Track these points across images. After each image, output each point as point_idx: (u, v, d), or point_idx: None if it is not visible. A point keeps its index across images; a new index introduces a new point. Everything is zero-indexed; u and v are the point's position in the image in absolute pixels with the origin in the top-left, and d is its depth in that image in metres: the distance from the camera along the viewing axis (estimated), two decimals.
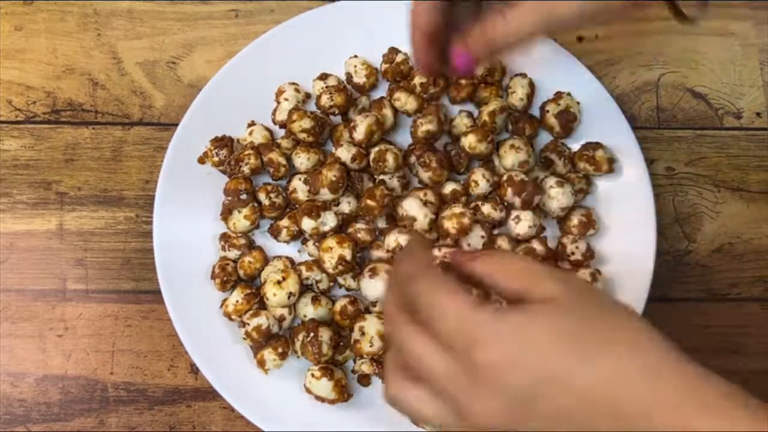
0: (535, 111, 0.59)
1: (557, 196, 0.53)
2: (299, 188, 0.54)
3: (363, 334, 0.50)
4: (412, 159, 0.56)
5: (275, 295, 0.51)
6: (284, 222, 0.55)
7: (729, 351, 0.57)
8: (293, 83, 0.58)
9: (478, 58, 0.43)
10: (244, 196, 0.54)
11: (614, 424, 0.31)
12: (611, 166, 0.55)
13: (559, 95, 0.57)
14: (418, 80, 0.57)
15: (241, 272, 0.54)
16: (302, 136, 0.55)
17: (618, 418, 0.31)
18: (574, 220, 0.54)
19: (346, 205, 0.54)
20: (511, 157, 0.54)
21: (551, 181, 0.54)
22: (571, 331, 0.32)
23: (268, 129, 0.57)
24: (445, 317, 0.34)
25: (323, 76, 0.58)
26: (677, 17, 0.44)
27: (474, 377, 0.33)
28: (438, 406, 0.34)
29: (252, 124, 0.57)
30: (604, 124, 0.57)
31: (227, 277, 0.53)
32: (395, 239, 0.52)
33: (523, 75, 0.58)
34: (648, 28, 0.64)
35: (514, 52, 0.44)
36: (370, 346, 0.50)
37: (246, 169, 0.54)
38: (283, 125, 0.57)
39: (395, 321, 0.36)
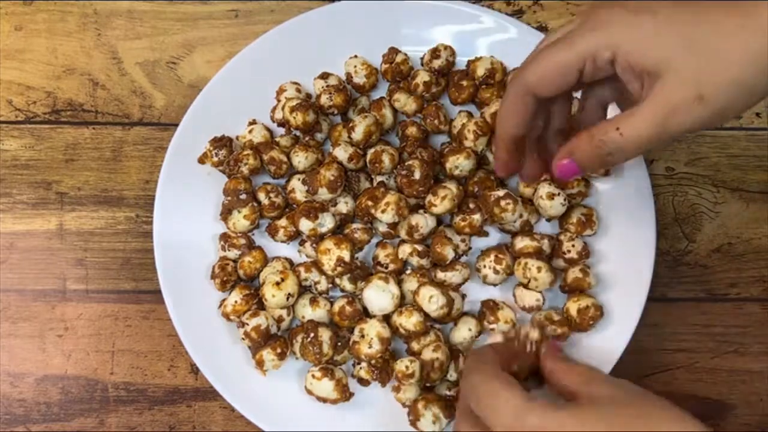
0: None
1: (546, 207, 0.53)
2: (298, 188, 0.54)
3: (363, 336, 0.50)
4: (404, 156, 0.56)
5: (274, 296, 0.51)
6: (282, 222, 0.55)
7: (729, 351, 0.57)
8: (294, 82, 0.58)
9: (584, 168, 0.41)
10: (243, 196, 0.54)
11: None
12: (608, 169, 0.55)
13: None
14: (420, 79, 0.57)
15: (240, 272, 0.54)
16: (298, 121, 0.55)
17: None
18: (574, 218, 0.54)
19: (344, 205, 0.54)
20: None
21: (543, 191, 0.53)
22: (618, 425, 0.35)
23: (268, 129, 0.57)
24: (496, 411, 0.38)
25: (324, 75, 0.58)
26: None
27: None
28: None
29: (253, 122, 0.57)
30: None
31: (227, 277, 0.53)
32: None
33: None
34: None
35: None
36: (369, 348, 0.50)
37: (245, 169, 0.54)
38: (282, 124, 0.57)
39: (460, 423, 0.42)
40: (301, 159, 0.55)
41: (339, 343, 0.52)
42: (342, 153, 0.54)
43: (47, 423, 0.55)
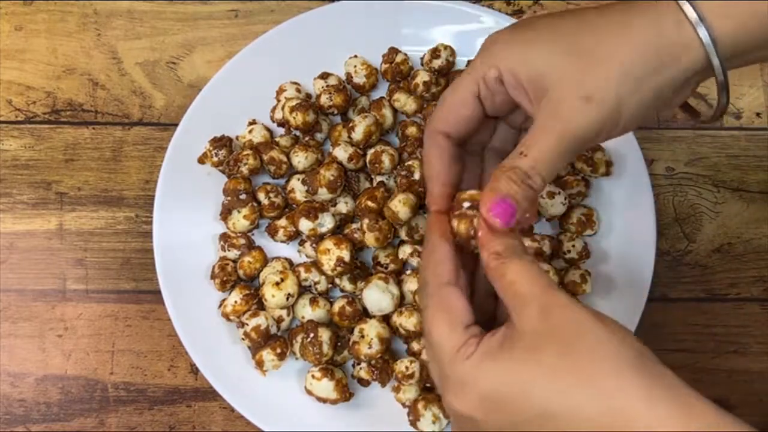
0: None
1: (546, 206, 0.53)
2: (297, 188, 0.54)
3: (363, 336, 0.50)
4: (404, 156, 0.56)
5: (274, 297, 0.51)
6: (282, 222, 0.55)
7: (729, 351, 0.57)
8: (294, 82, 0.58)
9: (517, 200, 0.36)
10: (243, 196, 0.54)
11: None
12: (609, 168, 0.55)
13: None
14: (420, 79, 0.57)
15: (240, 272, 0.54)
16: (298, 121, 0.55)
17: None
18: (574, 218, 0.54)
19: (344, 205, 0.54)
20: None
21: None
22: (532, 373, 0.32)
23: (268, 129, 0.57)
24: (431, 347, 0.36)
25: (324, 75, 0.58)
26: (690, 116, 0.43)
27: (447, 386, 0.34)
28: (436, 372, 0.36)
29: (253, 122, 0.57)
30: None
31: (227, 277, 0.53)
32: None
33: None
34: None
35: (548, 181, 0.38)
36: (369, 348, 0.50)
37: (245, 170, 0.54)
38: (281, 123, 0.57)
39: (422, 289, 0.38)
40: (301, 159, 0.55)
41: (339, 343, 0.52)
42: (342, 153, 0.54)
43: (47, 423, 0.55)
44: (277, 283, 0.51)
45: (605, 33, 0.36)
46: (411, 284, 0.52)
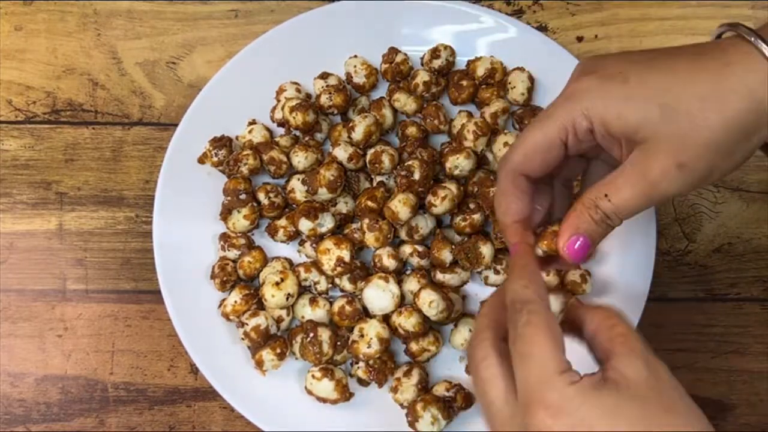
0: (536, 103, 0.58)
1: None
2: (297, 188, 0.54)
3: (362, 336, 0.50)
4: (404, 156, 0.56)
5: (273, 296, 0.51)
6: (281, 222, 0.55)
7: (729, 351, 0.57)
8: (294, 82, 0.58)
9: (593, 239, 0.39)
10: (243, 196, 0.54)
11: None
12: None
13: None
14: (420, 79, 0.57)
15: (240, 272, 0.54)
16: (298, 121, 0.55)
17: None
18: None
19: (344, 205, 0.54)
20: None
21: None
22: (636, 418, 0.33)
23: (268, 129, 0.57)
24: (530, 361, 0.35)
25: (324, 75, 0.58)
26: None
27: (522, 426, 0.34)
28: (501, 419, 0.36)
29: (252, 122, 0.57)
30: None
31: (227, 277, 0.53)
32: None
33: (521, 69, 0.58)
34: (648, 28, 0.64)
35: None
36: (368, 348, 0.50)
37: (245, 170, 0.54)
38: (281, 123, 0.57)
39: (477, 340, 0.38)
40: (300, 159, 0.55)
41: (338, 343, 0.52)
42: (342, 153, 0.54)
43: (47, 423, 0.55)
44: (277, 283, 0.51)
45: (700, 96, 0.36)
46: (411, 284, 0.52)
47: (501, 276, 0.53)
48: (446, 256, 0.52)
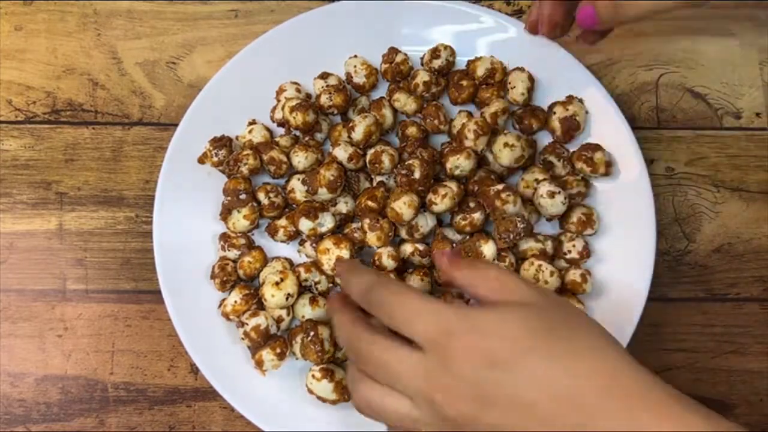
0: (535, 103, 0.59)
1: (547, 206, 0.53)
2: (297, 188, 0.54)
3: None
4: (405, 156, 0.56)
5: (273, 296, 0.51)
6: (282, 222, 0.55)
7: (729, 351, 0.57)
8: (294, 82, 0.58)
9: (601, 20, 0.52)
10: (243, 196, 0.54)
11: (571, 418, 0.33)
12: (608, 169, 0.55)
13: (570, 99, 0.57)
14: (420, 79, 0.57)
15: (240, 272, 0.54)
16: (298, 121, 0.55)
17: (575, 410, 0.33)
18: (574, 217, 0.54)
19: (344, 205, 0.54)
20: (507, 156, 0.53)
21: (543, 189, 0.53)
22: (541, 329, 0.35)
23: (268, 129, 0.57)
24: (418, 316, 0.36)
25: (324, 75, 0.58)
26: None
27: (445, 367, 0.35)
28: (409, 404, 0.36)
29: (252, 122, 0.57)
30: (603, 124, 0.57)
31: (227, 276, 0.53)
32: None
33: (521, 69, 0.58)
34: (647, 28, 0.64)
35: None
36: None
37: (244, 169, 0.54)
38: (281, 123, 0.57)
39: (353, 331, 0.39)
40: (301, 159, 0.55)
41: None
42: (342, 153, 0.54)
43: (47, 423, 0.55)
44: (277, 283, 0.51)
45: None
46: (414, 282, 0.52)
47: None
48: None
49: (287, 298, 0.51)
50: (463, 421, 0.35)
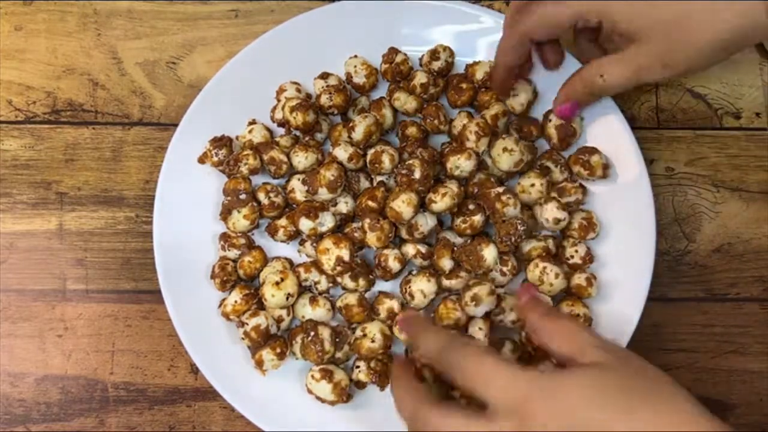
0: (535, 115, 0.58)
1: (549, 228, 0.53)
2: (297, 188, 0.54)
3: (365, 335, 0.51)
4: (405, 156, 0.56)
5: (273, 296, 0.51)
6: (282, 222, 0.55)
7: (729, 351, 0.57)
8: (294, 82, 0.58)
9: (582, 105, 0.53)
10: (243, 196, 0.54)
11: None
12: (606, 172, 0.55)
13: None
14: (418, 81, 0.57)
15: (240, 272, 0.54)
16: (298, 121, 0.55)
17: None
18: (575, 224, 0.54)
19: (344, 205, 0.54)
20: (506, 161, 0.53)
21: (549, 214, 0.53)
22: (612, 387, 0.35)
23: (268, 129, 0.57)
24: (494, 380, 0.36)
25: (324, 75, 0.58)
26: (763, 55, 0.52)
27: (525, 429, 0.35)
28: None
29: (252, 122, 0.57)
30: (603, 124, 0.57)
31: (227, 276, 0.53)
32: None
33: (529, 81, 0.58)
34: None
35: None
36: (372, 342, 0.50)
37: (244, 169, 0.54)
38: (282, 124, 0.57)
39: (421, 406, 0.39)
40: (301, 159, 0.55)
41: (338, 339, 0.51)
42: (342, 153, 0.54)
43: (47, 423, 0.55)
44: (277, 283, 0.51)
45: (696, 13, 0.44)
46: (421, 284, 0.52)
47: (507, 276, 0.53)
48: (446, 263, 0.52)
49: (287, 298, 0.51)
50: None
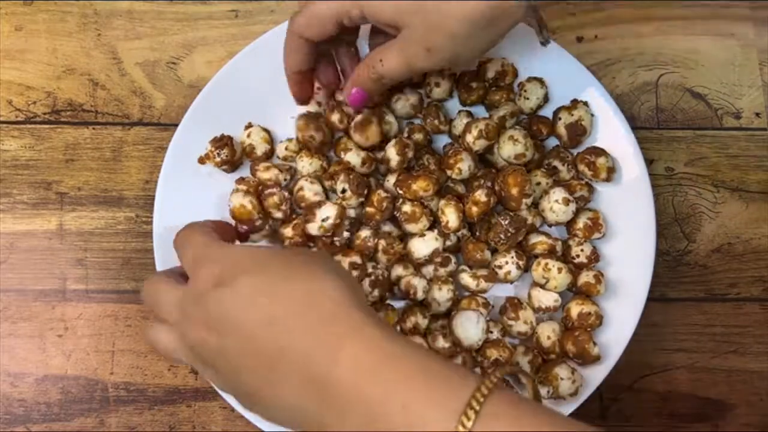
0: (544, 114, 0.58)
1: (559, 212, 0.53)
2: (306, 187, 0.54)
3: None
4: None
5: None
6: (287, 232, 0.54)
7: (729, 351, 0.57)
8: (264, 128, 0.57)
9: (370, 93, 0.51)
10: (258, 222, 0.53)
11: (270, 340, 0.34)
12: (610, 175, 0.55)
13: (574, 104, 0.56)
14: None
15: None
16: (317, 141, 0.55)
17: (277, 333, 0.34)
18: (580, 223, 0.54)
19: (352, 211, 0.54)
20: (508, 148, 0.53)
21: (558, 195, 0.53)
22: (265, 257, 0.38)
23: (265, 130, 0.57)
24: (188, 246, 0.41)
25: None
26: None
27: (188, 293, 0.38)
28: (173, 336, 0.39)
29: (249, 126, 0.57)
30: (603, 124, 0.57)
31: None
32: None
33: (542, 82, 0.57)
34: (647, 28, 0.64)
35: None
36: None
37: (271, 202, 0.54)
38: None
39: (148, 280, 0.43)
40: (305, 164, 0.55)
41: None
42: (355, 158, 0.54)
43: (47, 423, 0.55)
44: None
45: None
46: (436, 293, 0.52)
47: (520, 271, 0.54)
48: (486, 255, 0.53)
49: None
50: (199, 347, 0.37)
